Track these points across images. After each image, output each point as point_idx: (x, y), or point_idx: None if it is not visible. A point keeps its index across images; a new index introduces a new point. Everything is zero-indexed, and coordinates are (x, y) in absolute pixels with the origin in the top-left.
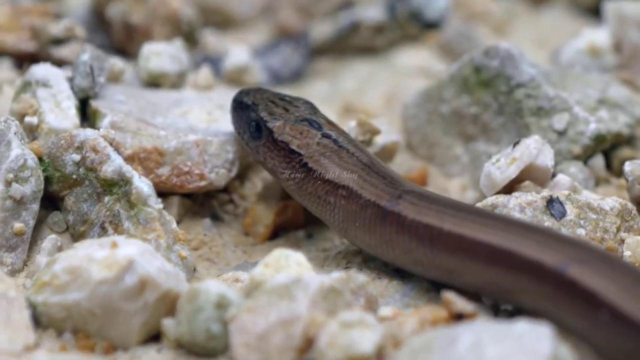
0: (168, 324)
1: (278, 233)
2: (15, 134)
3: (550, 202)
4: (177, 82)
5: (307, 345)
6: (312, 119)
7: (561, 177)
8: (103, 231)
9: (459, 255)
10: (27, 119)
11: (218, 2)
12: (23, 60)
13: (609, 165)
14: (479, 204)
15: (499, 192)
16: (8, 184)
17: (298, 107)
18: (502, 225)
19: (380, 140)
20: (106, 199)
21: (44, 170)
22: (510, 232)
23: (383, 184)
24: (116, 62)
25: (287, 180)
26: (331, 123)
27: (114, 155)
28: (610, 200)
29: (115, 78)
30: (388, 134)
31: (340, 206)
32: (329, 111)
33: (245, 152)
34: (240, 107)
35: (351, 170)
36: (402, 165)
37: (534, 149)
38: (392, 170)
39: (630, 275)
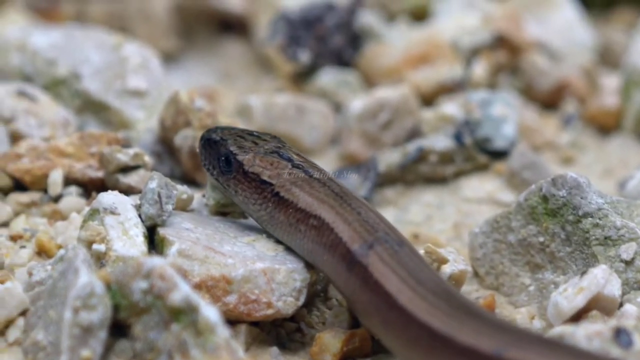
0: None
1: None
2: (83, 261)
3: (618, 332)
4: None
5: None
6: (282, 151)
7: (628, 307)
8: (170, 359)
9: (408, 335)
10: (95, 246)
11: (287, 130)
12: (91, 188)
13: None
14: (546, 334)
15: (566, 322)
16: (76, 311)
17: (267, 140)
18: (446, 307)
19: (447, 269)
20: (173, 327)
21: (111, 298)
22: (452, 316)
23: (357, 222)
24: (184, 190)
25: (259, 211)
26: (301, 156)
27: (182, 284)
28: None
29: (183, 206)
30: (455, 262)
31: (310, 236)
32: None
33: (313, 279)
34: (209, 143)
35: (323, 200)
36: (469, 295)
37: (602, 278)
38: (366, 203)
39: (570, 352)
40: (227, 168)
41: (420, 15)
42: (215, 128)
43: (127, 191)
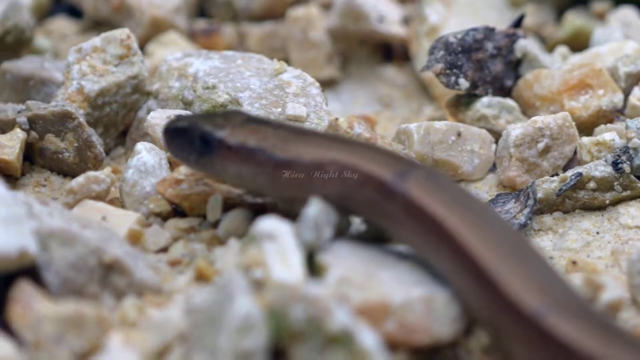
0: None
1: None
2: (241, 287)
3: None
4: None
5: None
6: (254, 118)
7: None
8: None
9: (460, 265)
10: (253, 272)
11: (446, 157)
12: (253, 213)
13: None
14: None
15: None
16: (234, 338)
17: (234, 115)
18: (497, 249)
19: (605, 296)
20: (331, 353)
21: (269, 324)
22: (504, 260)
23: (379, 155)
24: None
25: (256, 177)
26: (275, 119)
27: (339, 310)
28: None
29: (341, 232)
30: (613, 289)
31: (331, 184)
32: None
33: (470, 307)
34: (177, 133)
35: (329, 147)
36: (627, 323)
37: None
38: (374, 144)
39: (599, 320)
40: (206, 148)
41: (579, 42)
42: (176, 118)
43: (286, 217)
